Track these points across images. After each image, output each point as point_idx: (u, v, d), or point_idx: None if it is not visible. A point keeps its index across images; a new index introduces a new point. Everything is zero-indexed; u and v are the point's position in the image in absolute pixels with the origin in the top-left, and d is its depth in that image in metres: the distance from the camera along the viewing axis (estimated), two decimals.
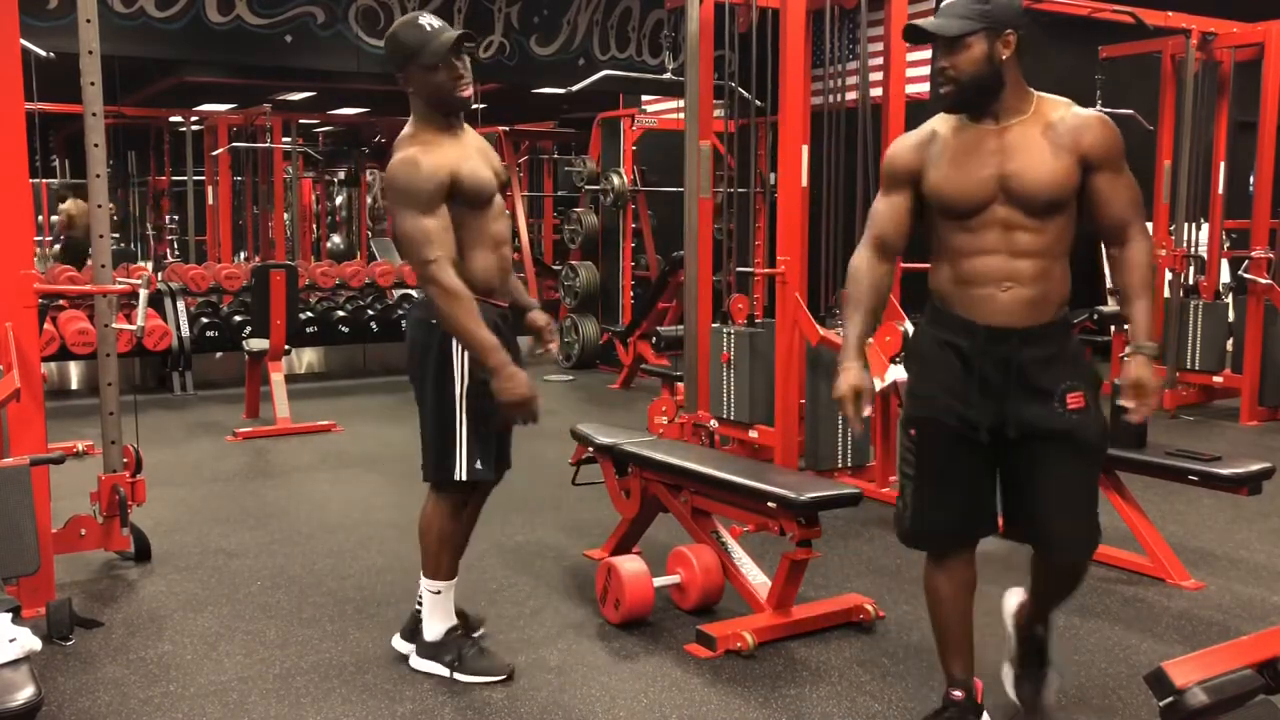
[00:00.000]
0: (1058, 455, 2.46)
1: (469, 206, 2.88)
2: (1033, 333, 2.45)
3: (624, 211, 8.84)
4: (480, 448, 2.98)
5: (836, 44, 5.07)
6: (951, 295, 2.50)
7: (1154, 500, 4.48)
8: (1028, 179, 2.39)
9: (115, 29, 7.37)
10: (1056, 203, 2.41)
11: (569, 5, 9.24)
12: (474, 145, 2.99)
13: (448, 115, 2.93)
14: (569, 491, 4.15)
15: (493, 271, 2.95)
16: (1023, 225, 2.42)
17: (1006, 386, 2.44)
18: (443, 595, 3.08)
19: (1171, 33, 6.83)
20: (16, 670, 2.10)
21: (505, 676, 3.03)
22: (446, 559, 3.06)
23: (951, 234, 2.48)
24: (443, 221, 2.81)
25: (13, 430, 3.44)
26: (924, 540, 2.63)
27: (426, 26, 2.88)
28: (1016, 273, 2.43)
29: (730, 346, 5.12)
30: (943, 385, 2.50)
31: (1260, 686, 1.85)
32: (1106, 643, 3.33)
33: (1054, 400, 2.43)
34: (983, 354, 2.45)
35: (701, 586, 3.51)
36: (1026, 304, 2.43)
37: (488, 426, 2.97)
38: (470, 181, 2.87)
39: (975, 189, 2.42)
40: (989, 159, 2.42)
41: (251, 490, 5.24)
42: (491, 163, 3.01)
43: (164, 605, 3.65)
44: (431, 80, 2.87)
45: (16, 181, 3.41)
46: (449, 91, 2.87)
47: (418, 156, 2.83)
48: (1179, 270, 7.05)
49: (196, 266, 9.06)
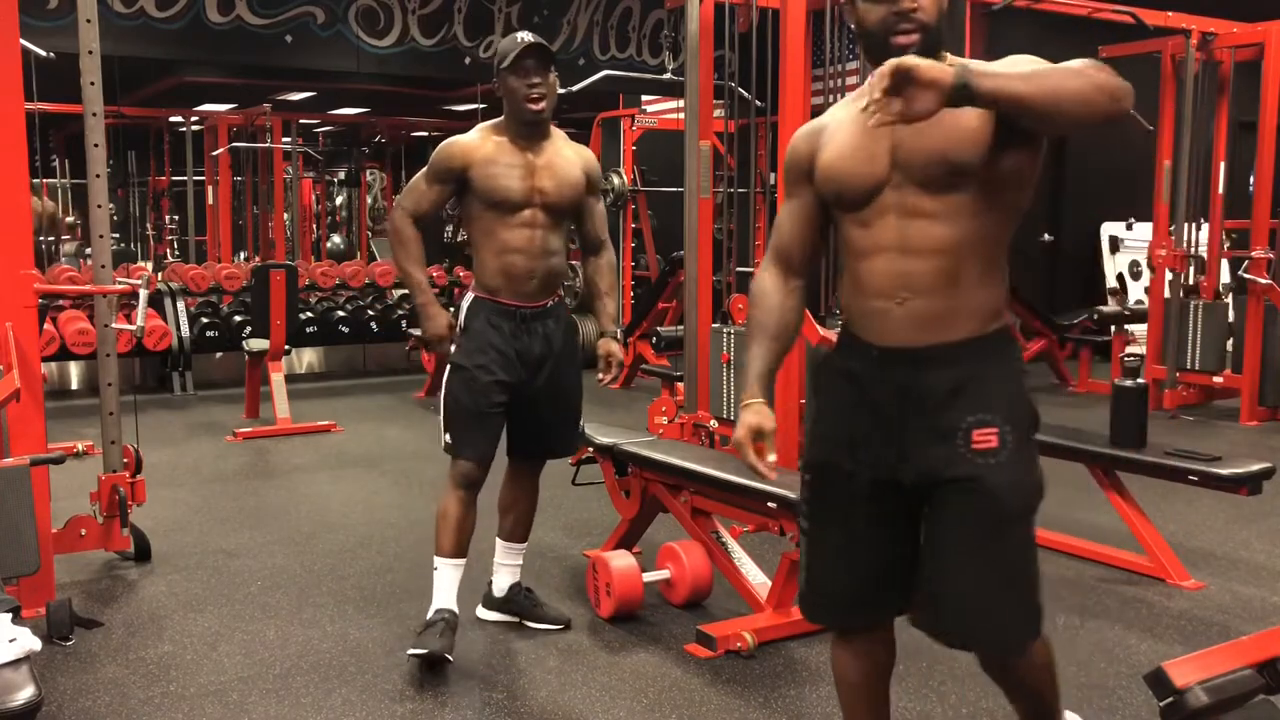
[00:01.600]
0: (956, 509, 1.94)
1: (483, 206, 3.14)
2: (934, 354, 1.94)
3: (624, 211, 8.84)
4: (457, 426, 3.17)
5: (836, 44, 5.07)
6: (849, 310, 2.04)
7: (1154, 500, 4.47)
8: (921, 140, 1.85)
9: (115, 29, 7.37)
10: (960, 170, 1.86)
11: (569, 5, 9.24)
12: (538, 158, 3.16)
13: (523, 124, 3.15)
14: (569, 491, 4.14)
15: (496, 274, 3.17)
16: (920, 211, 1.91)
17: (903, 422, 1.95)
18: (440, 572, 3.18)
19: (1171, 33, 6.83)
20: (16, 670, 2.10)
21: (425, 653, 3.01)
22: (445, 534, 3.18)
23: (848, 231, 2.00)
24: (431, 193, 3.18)
25: (13, 430, 3.44)
26: (818, 612, 2.16)
27: (519, 37, 3.12)
28: (911, 278, 1.92)
29: (730, 346, 5.12)
30: (835, 423, 2.06)
31: (1260, 686, 1.85)
32: (1106, 643, 3.33)
33: (956, 438, 1.92)
34: (876, 382, 1.98)
35: (691, 582, 3.53)
36: (925, 318, 1.93)
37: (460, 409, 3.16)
38: (483, 184, 3.12)
39: (865, 165, 1.91)
40: (886, 129, 1.85)
41: (251, 490, 5.24)
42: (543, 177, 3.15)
43: (164, 605, 3.65)
44: (508, 84, 3.12)
45: (16, 181, 3.41)
46: (519, 98, 3.10)
47: (457, 139, 3.19)
48: (1179, 270, 7.04)
49: (196, 266, 9.05)
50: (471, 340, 3.17)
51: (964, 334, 1.94)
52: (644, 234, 8.98)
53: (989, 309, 1.96)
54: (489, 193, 3.12)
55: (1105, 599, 3.71)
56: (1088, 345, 8.29)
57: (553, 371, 3.24)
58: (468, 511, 3.19)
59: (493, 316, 3.17)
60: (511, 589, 3.42)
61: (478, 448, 3.18)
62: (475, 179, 3.12)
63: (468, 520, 3.19)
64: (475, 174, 3.12)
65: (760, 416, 2.07)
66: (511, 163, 3.13)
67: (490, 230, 3.15)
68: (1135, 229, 9.76)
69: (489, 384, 3.14)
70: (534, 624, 3.40)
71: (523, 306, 3.18)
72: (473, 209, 3.17)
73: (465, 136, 3.20)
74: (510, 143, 3.16)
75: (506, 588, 3.42)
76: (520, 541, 3.44)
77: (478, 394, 3.14)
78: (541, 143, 3.19)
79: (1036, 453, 2.00)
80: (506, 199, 3.12)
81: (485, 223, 3.16)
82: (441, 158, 3.17)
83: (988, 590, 1.94)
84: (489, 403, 3.16)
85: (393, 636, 3.34)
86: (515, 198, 3.12)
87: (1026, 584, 1.99)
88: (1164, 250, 7.05)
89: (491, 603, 3.45)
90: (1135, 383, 4.10)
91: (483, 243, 3.17)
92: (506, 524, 3.43)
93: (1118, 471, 4.04)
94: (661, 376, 6.28)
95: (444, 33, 8.82)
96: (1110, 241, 10.07)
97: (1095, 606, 3.64)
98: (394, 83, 9.82)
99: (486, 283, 3.19)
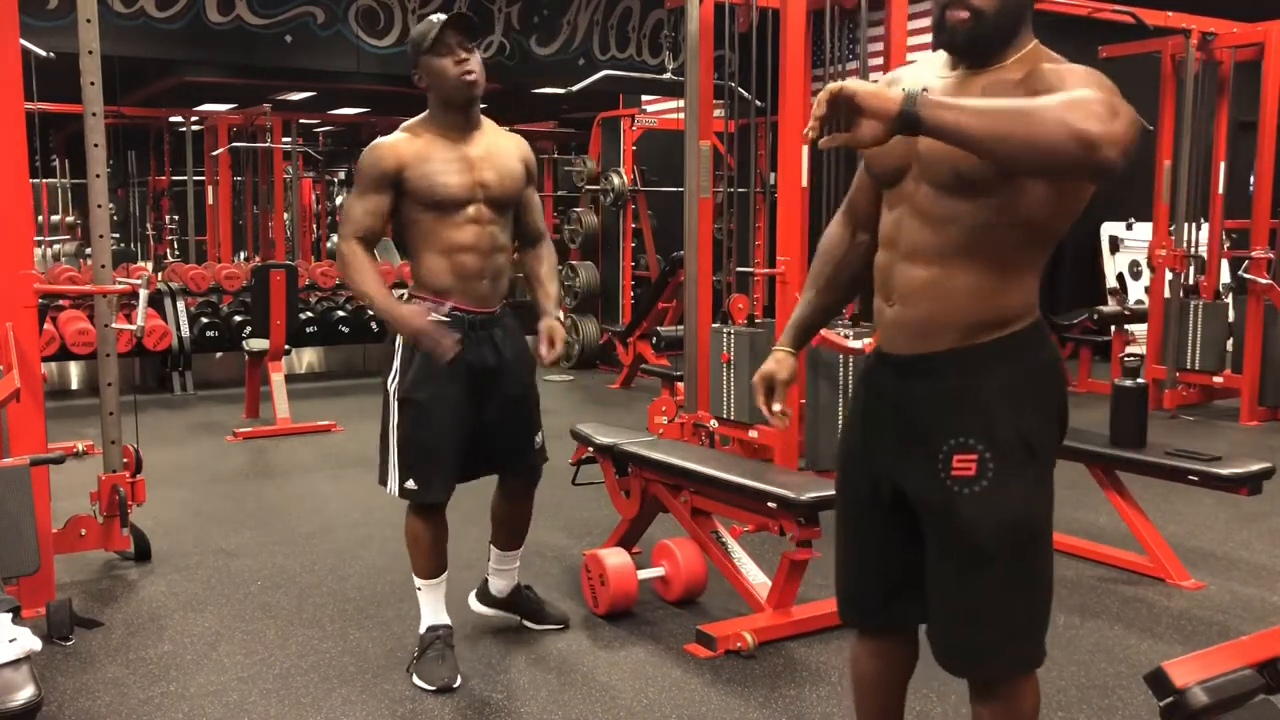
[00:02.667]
0: (936, 539, 1.87)
1: (423, 207, 2.89)
2: (917, 364, 1.85)
3: (624, 211, 8.84)
4: (415, 468, 2.94)
5: (836, 44, 5.07)
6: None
7: (1154, 500, 4.48)
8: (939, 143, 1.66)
9: (115, 29, 7.37)
10: (969, 181, 1.74)
11: (569, 5, 9.24)
12: (474, 150, 2.93)
13: (457, 108, 2.92)
14: (569, 491, 4.14)
15: (443, 275, 2.92)
16: (924, 211, 1.80)
17: (901, 434, 1.88)
18: (424, 593, 3.10)
19: (1171, 33, 6.83)
20: (16, 670, 2.09)
21: (437, 689, 2.95)
22: (419, 559, 3.07)
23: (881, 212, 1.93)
24: (367, 205, 2.88)
25: (13, 430, 3.44)
26: (840, 608, 2.10)
27: (433, 18, 2.90)
28: (898, 279, 1.85)
29: (730, 346, 5.12)
30: (853, 425, 2.01)
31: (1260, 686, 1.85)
32: (1106, 643, 3.33)
33: (938, 461, 1.82)
34: (879, 389, 1.94)
35: (685, 578, 3.54)
36: (909, 325, 1.84)
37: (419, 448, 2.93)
38: (422, 184, 2.86)
39: (898, 142, 1.66)
40: None
41: (251, 490, 5.24)
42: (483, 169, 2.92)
43: (164, 605, 3.65)
44: (434, 66, 2.87)
45: (16, 181, 3.41)
46: (453, 78, 2.86)
47: (381, 141, 2.93)
48: (1179, 270, 7.04)
49: (196, 266, 9.05)
50: (420, 368, 2.88)
51: (945, 344, 1.81)
52: (644, 234, 8.98)
53: (973, 319, 1.80)
54: (428, 192, 2.86)
55: (1105, 599, 3.71)
56: (1088, 345, 8.29)
57: (505, 384, 3.00)
58: (438, 532, 3.05)
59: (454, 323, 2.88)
60: (514, 591, 3.36)
61: (443, 488, 2.98)
62: (410, 179, 2.85)
63: (440, 539, 3.06)
64: (409, 174, 2.85)
65: (777, 364, 2.07)
66: (447, 158, 2.88)
67: (431, 232, 2.89)
68: (1135, 229, 9.75)
69: (447, 416, 2.91)
70: (535, 625, 3.38)
71: (472, 312, 2.93)
72: (409, 212, 2.90)
73: (389, 138, 2.92)
74: (441, 137, 2.90)
75: (508, 590, 3.36)
76: (515, 549, 3.31)
77: (437, 430, 2.90)
78: (474, 134, 2.95)
79: (1038, 477, 1.85)
80: (448, 197, 2.87)
81: (425, 225, 2.90)
82: (369, 164, 2.87)
83: (962, 625, 1.87)
84: (451, 437, 2.93)
85: (392, 636, 3.34)
86: (458, 195, 2.87)
87: (1008, 621, 1.86)
88: (1164, 250, 7.05)
89: (489, 600, 3.38)
90: (1135, 383, 4.10)
91: (423, 246, 2.91)
92: (502, 535, 3.27)
93: (1118, 471, 4.04)
94: (661, 376, 6.28)
95: None
96: (1110, 241, 10.06)
97: (1095, 606, 3.64)
98: (394, 83, 9.80)
99: (434, 285, 2.91)
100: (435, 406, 2.90)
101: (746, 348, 5.06)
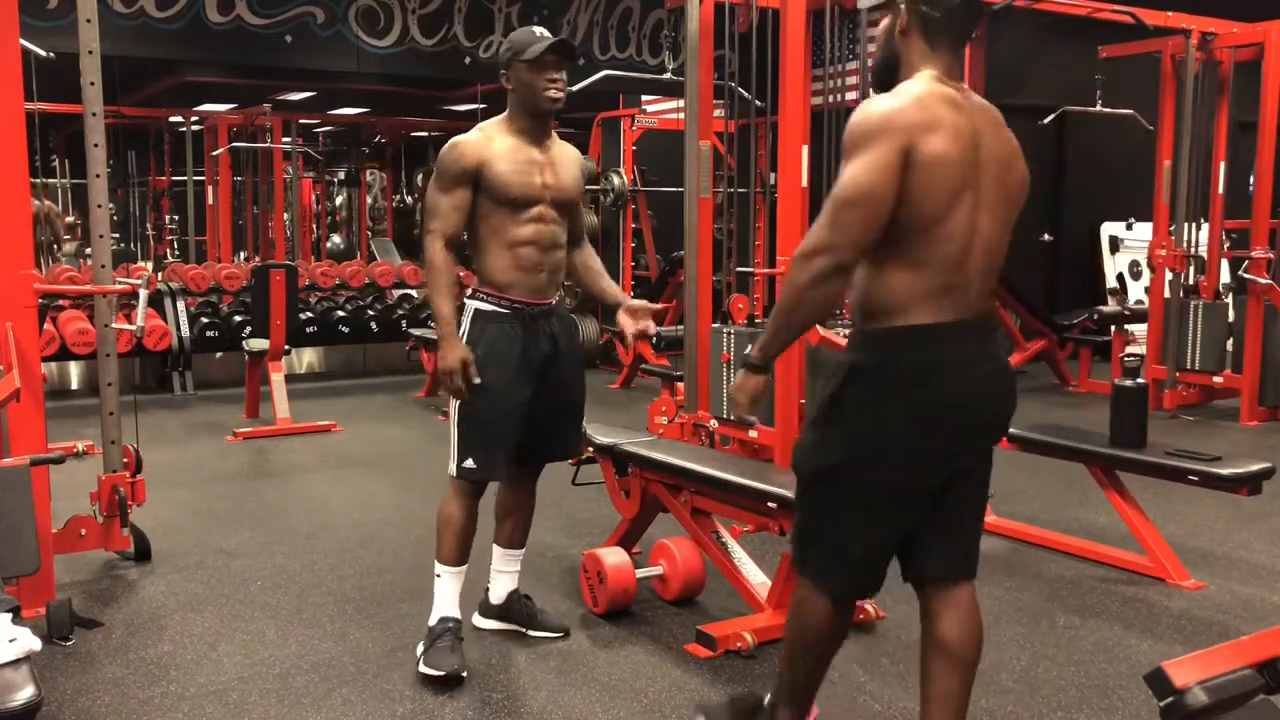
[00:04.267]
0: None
1: (495, 204, 3.08)
2: None
3: (624, 211, 8.84)
4: (476, 447, 3.10)
5: (836, 44, 5.07)
6: None
7: (1154, 500, 4.48)
8: None
9: (115, 29, 7.37)
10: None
11: (569, 5, 9.23)
12: (545, 155, 3.14)
13: (534, 117, 3.12)
14: (569, 491, 4.14)
15: (507, 270, 3.11)
16: None
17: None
18: (443, 579, 3.16)
19: (1171, 33, 6.83)
20: (16, 670, 2.09)
21: (445, 674, 3.00)
22: (449, 542, 3.16)
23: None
24: (454, 201, 3.06)
25: (13, 430, 3.44)
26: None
27: (537, 32, 3.12)
28: None
29: (730, 346, 5.12)
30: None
31: (1260, 686, 1.85)
32: (1106, 643, 3.33)
33: None
34: None
35: (683, 577, 3.55)
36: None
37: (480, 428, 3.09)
38: (499, 181, 3.07)
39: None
40: None
41: (251, 490, 5.24)
42: (552, 174, 3.14)
43: (164, 605, 3.65)
44: (525, 78, 3.09)
45: (16, 181, 3.41)
46: (539, 91, 3.08)
47: (462, 139, 3.11)
48: (1179, 270, 7.04)
49: (196, 266, 9.06)
50: (487, 355, 3.06)
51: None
52: (644, 234, 8.98)
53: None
54: (503, 189, 3.06)
55: (1105, 599, 3.71)
56: (1088, 345, 8.30)
57: (559, 372, 3.19)
58: (473, 519, 3.17)
59: (503, 325, 3.09)
60: (510, 596, 3.38)
61: (503, 467, 3.14)
62: (488, 177, 3.05)
63: (473, 527, 3.17)
64: (488, 172, 3.05)
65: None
66: (521, 159, 3.09)
67: (500, 227, 3.09)
68: (1135, 229, 9.76)
69: (513, 399, 3.08)
70: (533, 633, 3.37)
71: (530, 304, 3.12)
72: (481, 207, 3.09)
73: (469, 136, 3.12)
74: (516, 139, 3.11)
75: (505, 595, 3.38)
76: (520, 547, 3.38)
77: (503, 412, 3.08)
78: (545, 141, 3.17)
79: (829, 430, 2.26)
80: (522, 195, 3.07)
81: (495, 220, 3.09)
82: (452, 160, 3.07)
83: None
84: (514, 419, 3.10)
85: (392, 636, 3.34)
86: (530, 194, 3.08)
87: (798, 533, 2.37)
88: (1164, 250, 7.05)
89: (489, 611, 3.41)
90: (1135, 383, 4.10)
91: (490, 240, 3.10)
92: (506, 530, 3.37)
93: (1118, 471, 4.05)
94: (661, 376, 6.28)
95: (444, 33, 8.81)
96: (1110, 241, 10.07)
97: (1095, 606, 3.64)
98: (394, 83, 9.82)
99: (496, 279, 3.10)
100: (497, 388, 3.06)
101: (746, 348, 5.05)
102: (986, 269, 2.18)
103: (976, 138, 2.14)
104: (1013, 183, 2.21)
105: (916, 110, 2.08)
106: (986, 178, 2.15)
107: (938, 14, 2.16)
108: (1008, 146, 2.21)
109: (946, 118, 2.10)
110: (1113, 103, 8.38)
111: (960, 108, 2.14)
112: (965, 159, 2.11)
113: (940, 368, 2.15)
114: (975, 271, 2.16)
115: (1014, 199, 2.22)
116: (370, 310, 8.85)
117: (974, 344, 2.19)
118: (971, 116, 2.15)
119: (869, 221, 2.08)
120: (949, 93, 2.15)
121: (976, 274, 2.16)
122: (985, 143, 2.15)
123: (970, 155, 2.12)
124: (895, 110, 2.09)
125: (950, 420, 2.17)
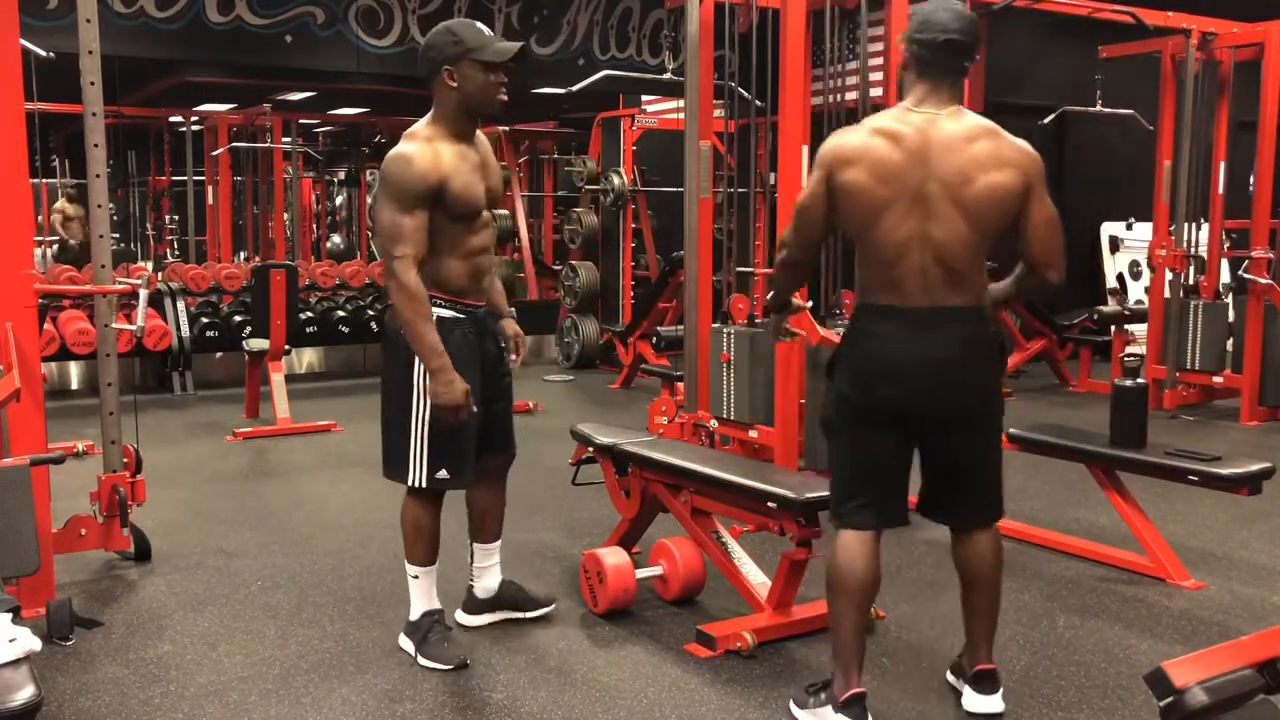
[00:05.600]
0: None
1: (452, 218, 2.98)
2: None
3: (624, 211, 8.84)
4: (447, 457, 3.06)
5: (836, 44, 5.07)
6: None
7: (1154, 500, 4.48)
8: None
9: (115, 29, 7.36)
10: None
11: (569, 5, 9.23)
12: (479, 156, 3.09)
13: (473, 118, 3.05)
14: (569, 491, 4.15)
15: (463, 277, 3.06)
16: None
17: None
18: (420, 580, 3.18)
19: (1171, 33, 6.83)
20: (16, 670, 2.09)
21: (454, 667, 3.06)
22: (420, 546, 3.17)
23: None
24: (418, 222, 2.91)
25: (13, 430, 3.44)
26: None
27: (486, 31, 3.01)
28: None
29: (730, 346, 5.12)
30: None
31: (1260, 686, 1.85)
32: (1106, 643, 3.33)
33: None
34: None
35: (683, 577, 3.55)
36: None
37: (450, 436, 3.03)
38: (460, 196, 2.97)
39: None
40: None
41: (251, 490, 5.24)
42: (489, 175, 3.11)
43: (164, 605, 3.65)
44: (478, 78, 2.97)
45: (16, 181, 3.41)
46: (491, 94, 3.00)
47: (414, 156, 2.93)
48: (1179, 270, 7.04)
49: (196, 266, 9.05)
50: (456, 362, 2.97)
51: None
52: (644, 234, 8.97)
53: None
54: (464, 206, 2.97)
55: (1105, 599, 3.71)
56: (1088, 345, 8.29)
57: (501, 368, 3.23)
58: (437, 520, 3.19)
59: (464, 331, 3.05)
60: (501, 586, 3.41)
61: (471, 473, 3.14)
62: (449, 194, 2.93)
63: (438, 527, 3.20)
64: (448, 189, 2.93)
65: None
66: (468, 168, 2.99)
67: (456, 239, 3.00)
68: (1135, 229, 9.76)
69: (476, 404, 3.04)
70: (526, 614, 3.40)
71: (479, 306, 3.12)
72: (436, 222, 2.95)
73: (419, 151, 2.93)
74: (455, 144, 3.00)
75: (496, 587, 3.40)
76: (498, 539, 3.41)
77: (468, 418, 3.02)
78: (475, 140, 3.08)
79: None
80: (476, 208, 3.02)
81: (451, 233, 2.98)
82: (413, 179, 2.89)
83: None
84: (476, 423, 3.08)
85: (392, 636, 3.34)
86: (480, 204, 3.04)
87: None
88: (1164, 250, 7.05)
89: (475, 607, 3.41)
90: (1135, 383, 4.10)
91: (446, 251, 2.99)
92: (482, 526, 3.37)
93: (1118, 471, 4.04)
94: (661, 376, 6.28)
95: None
96: (1110, 241, 10.07)
97: (1095, 606, 3.64)
98: (394, 83, 9.80)
99: (452, 286, 3.02)
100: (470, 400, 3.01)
101: (746, 348, 5.06)
102: (937, 265, 2.58)
103: (921, 157, 2.55)
104: (973, 193, 2.55)
105: (849, 146, 2.62)
106: (933, 190, 2.55)
107: (926, 53, 2.61)
108: (969, 161, 2.55)
109: (876, 150, 2.57)
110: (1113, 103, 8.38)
111: (900, 138, 2.57)
112: (893, 180, 2.56)
113: (879, 335, 2.65)
114: (914, 268, 2.58)
115: (976, 207, 2.56)
116: (370, 310, 8.85)
117: (914, 324, 2.61)
118: (924, 141, 2.56)
119: (810, 229, 2.74)
120: (897, 126, 2.59)
121: (915, 270, 2.58)
122: (935, 161, 2.55)
123: (903, 176, 2.56)
124: (830, 147, 2.66)
125: (887, 378, 2.64)
